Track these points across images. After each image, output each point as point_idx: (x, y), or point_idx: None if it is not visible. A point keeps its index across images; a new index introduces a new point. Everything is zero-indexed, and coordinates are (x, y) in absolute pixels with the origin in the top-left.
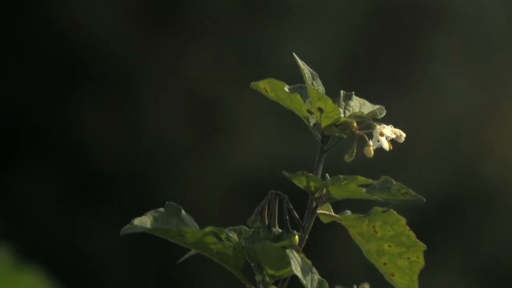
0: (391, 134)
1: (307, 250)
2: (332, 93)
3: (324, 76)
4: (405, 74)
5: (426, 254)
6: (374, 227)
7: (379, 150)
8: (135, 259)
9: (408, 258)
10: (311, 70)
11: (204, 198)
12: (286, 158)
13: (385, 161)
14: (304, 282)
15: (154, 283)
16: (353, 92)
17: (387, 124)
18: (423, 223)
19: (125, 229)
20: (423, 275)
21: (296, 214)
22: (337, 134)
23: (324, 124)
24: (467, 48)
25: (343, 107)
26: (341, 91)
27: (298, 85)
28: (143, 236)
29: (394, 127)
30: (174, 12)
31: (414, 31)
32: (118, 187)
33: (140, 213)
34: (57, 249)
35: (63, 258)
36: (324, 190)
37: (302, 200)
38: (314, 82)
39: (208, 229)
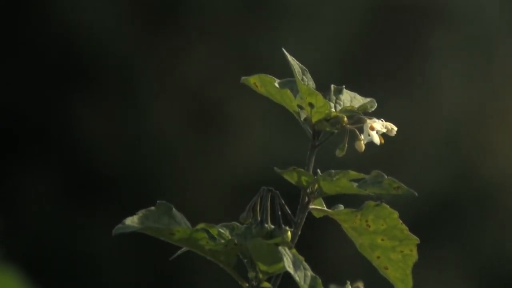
0: (381, 128)
1: (300, 246)
2: None
3: (324, 76)
4: (405, 74)
5: (426, 254)
6: (366, 221)
7: (379, 148)
8: (135, 259)
9: (401, 252)
10: (300, 65)
11: (204, 198)
12: (286, 158)
13: (384, 160)
14: (297, 278)
15: (154, 283)
16: (344, 86)
17: (379, 118)
18: (423, 223)
19: (117, 229)
20: (423, 275)
21: (288, 209)
22: (328, 129)
23: (314, 119)
24: (467, 48)
25: (333, 101)
26: (332, 85)
27: (288, 79)
28: (143, 236)
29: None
30: (174, 12)
31: (414, 31)
32: (118, 187)
33: None
34: (57, 249)
35: (63, 258)
36: (316, 185)
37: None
38: (304, 77)
39: (200, 226)
